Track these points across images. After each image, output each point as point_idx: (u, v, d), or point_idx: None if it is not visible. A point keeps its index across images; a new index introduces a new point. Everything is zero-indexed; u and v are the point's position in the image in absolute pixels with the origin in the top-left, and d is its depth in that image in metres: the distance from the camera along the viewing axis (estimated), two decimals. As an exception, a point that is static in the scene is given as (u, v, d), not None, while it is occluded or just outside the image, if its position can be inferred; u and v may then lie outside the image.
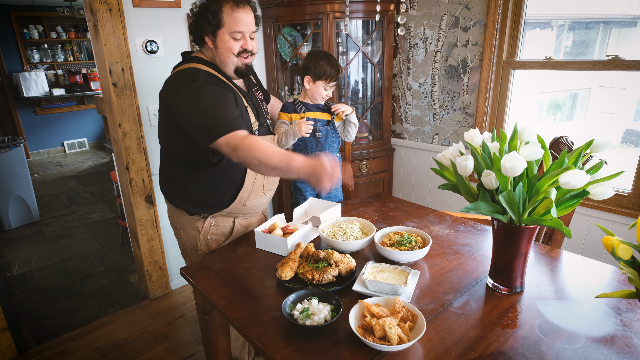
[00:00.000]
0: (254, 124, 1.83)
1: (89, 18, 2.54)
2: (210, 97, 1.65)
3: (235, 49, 1.74)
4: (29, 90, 7.13)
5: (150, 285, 3.11)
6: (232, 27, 1.69)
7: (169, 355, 2.56)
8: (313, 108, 2.30)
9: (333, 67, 2.22)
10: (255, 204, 1.97)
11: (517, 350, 1.12)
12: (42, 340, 2.74)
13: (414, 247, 1.59)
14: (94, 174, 6.59)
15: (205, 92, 1.65)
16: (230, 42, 1.72)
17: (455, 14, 2.92)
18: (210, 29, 1.71)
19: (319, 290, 1.38)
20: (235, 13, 1.68)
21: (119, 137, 2.68)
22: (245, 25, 1.71)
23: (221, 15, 1.67)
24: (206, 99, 1.64)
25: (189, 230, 1.94)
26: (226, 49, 1.73)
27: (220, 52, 1.75)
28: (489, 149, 1.29)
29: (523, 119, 2.89)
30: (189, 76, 1.69)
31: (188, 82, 1.67)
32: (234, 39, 1.72)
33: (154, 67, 2.77)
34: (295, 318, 1.25)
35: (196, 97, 1.64)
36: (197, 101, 1.64)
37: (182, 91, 1.68)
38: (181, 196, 1.90)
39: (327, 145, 2.30)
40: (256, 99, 1.96)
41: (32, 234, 4.43)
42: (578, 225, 2.59)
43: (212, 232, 1.93)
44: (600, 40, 2.61)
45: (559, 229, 1.12)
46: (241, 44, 1.74)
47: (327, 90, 2.26)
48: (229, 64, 1.77)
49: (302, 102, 2.31)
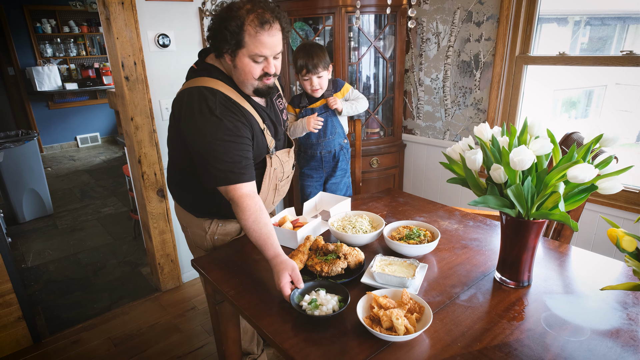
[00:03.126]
0: (270, 144, 1.75)
1: (102, 11, 2.57)
2: (224, 138, 1.53)
3: (256, 73, 1.57)
4: (42, 84, 7.19)
5: (162, 278, 3.15)
6: (254, 50, 1.51)
7: (180, 346, 2.60)
8: (314, 100, 2.30)
9: (308, 58, 2.15)
10: None
11: (523, 342, 1.13)
12: (56, 330, 2.80)
13: (422, 241, 1.60)
14: (106, 168, 6.67)
15: (219, 130, 1.53)
16: (251, 64, 1.54)
17: (469, 9, 2.91)
18: (230, 49, 1.53)
19: (327, 281, 1.40)
20: (259, 36, 1.49)
21: (131, 131, 2.72)
22: (269, 48, 1.53)
23: (242, 35, 1.49)
24: (219, 138, 1.53)
25: (196, 230, 1.90)
26: (246, 72, 1.56)
27: (239, 73, 1.58)
28: (498, 143, 1.30)
29: (535, 116, 2.88)
30: (205, 103, 1.55)
31: (204, 111, 1.54)
32: (254, 61, 1.54)
33: (166, 60, 2.79)
34: (304, 309, 1.27)
35: (210, 132, 1.53)
36: (210, 140, 1.53)
37: (196, 118, 1.55)
38: (187, 201, 1.87)
39: (330, 131, 2.29)
40: (275, 112, 1.83)
41: (46, 227, 4.50)
42: (588, 222, 2.58)
43: (218, 233, 1.88)
44: (618, 36, 2.58)
45: (566, 222, 1.12)
46: (263, 67, 1.57)
47: (308, 81, 2.22)
48: (248, 86, 1.62)
49: (308, 95, 2.32)
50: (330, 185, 2.44)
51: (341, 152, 2.36)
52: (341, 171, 2.40)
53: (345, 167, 2.41)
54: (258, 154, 1.70)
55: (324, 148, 2.31)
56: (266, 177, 1.78)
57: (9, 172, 4.27)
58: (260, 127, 1.69)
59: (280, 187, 1.91)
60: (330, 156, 2.33)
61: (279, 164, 1.83)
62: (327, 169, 2.38)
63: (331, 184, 2.41)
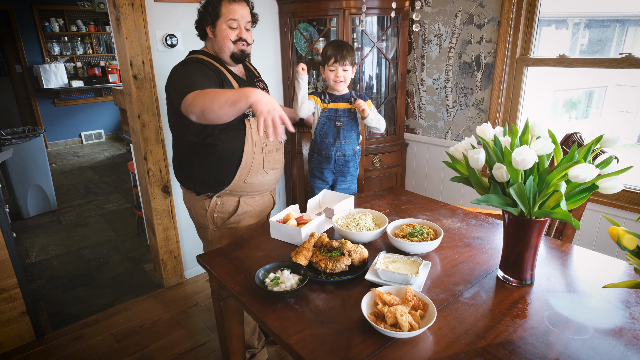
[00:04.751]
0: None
1: (112, 12, 2.60)
2: (191, 70, 1.88)
3: (232, 36, 1.98)
4: (49, 81, 7.27)
5: (165, 274, 3.17)
6: (228, 16, 1.95)
7: (182, 342, 2.62)
8: (338, 99, 2.32)
9: (336, 49, 2.21)
10: (257, 182, 2.09)
11: (526, 340, 1.15)
12: (59, 325, 2.82)
13: (425, 239, 1.62)
14: (110, 165, 6.70)
15: (189, 68, 1.89)
16: (227, 30, 1.96)
17: (470, 11, 2.93)
18: (210, 20, 1.97)
19: (291, 262, 1.50)
20: (232, 5, 1.95)
21: (138, 128, 2.74)
22: (240, 15, 1.97)
23: (219, 8, 1.94)
24: (187, 70, 1.88)
25: (198, 209, 2.12)
26: (223, 37, 1.97)
27: (218, 40, 1.99)
28: (500, 142, 1.31)
29: (536, 116, 2.89)
30: (183, 60, 2.00)
31: (179, 63, 1.96)
32: (230, 27, 1.96)
33: (174, 60, 2.81)
34: (266, 285, 1.39)
35: (180, 70, 1.91)
36: (179, 74, 1.89)
37: (173, 70, 1.95)
38: (188, 177, 2.08)
39: (347, 135, 2.31)
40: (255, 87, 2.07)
41: (49, 222, 4.53)
42: (590, 222, 2.59)
43: (217, 210, 2.09)
44: (617, 38, 2.60)
45: (568, 220, 1.14)
46: (237, 33, 1.98)
47: (334, 72, 2.24)
48: (226, 50, 2.00)
49: (329, 93, 2.33)
50: (338, 190, 2.46)
51: (353, 157, 2.38)
52: (351, 177, 2.42)
53: (355, 173, 2.43)
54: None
55: (339, 150, 2.33)
56: (248, 138, 2.00)
57: (15, 168, 4.30)
58: (234, 87, 1.99)
59: (268, 151, 2.09)
60: (343, 160, 2.35)
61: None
62: (338, 173, 2.40)
63: (339, 189, 2.43)
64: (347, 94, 2.33)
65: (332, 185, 2.46)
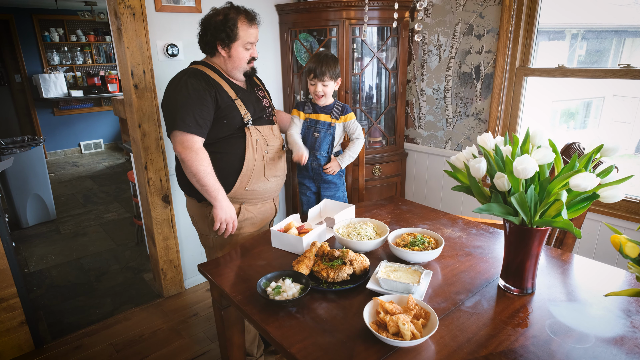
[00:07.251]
0: (244, 115, 2.05)
1: (113, 22, 2.62)
2: (182, 95, 1.93)
3: (247, 59, 2.07)
4: (48, 91, 7.29)
5: (165, 284, 3.16)
6: (246, 40, 2.02)
7: (182, 352, 2.61)
8: (320, 110, 2.35)
9: (316, 63, 2.25)
10: (259, 189, 2.13)
11: (528, 349, 1.15)
12: (58, 335, 2.80)
13: (426, 248, 1.62)
14: (109, 174, 6.70)
15: (181, 91, 1.94)
16: (244, 52, 2.05)
17: (469, 22, 2.96)
18: (228, 42, 2.00)
19: (293, 272, 1.50)
20: (250, 29, 2.02)
21: (139, 138, 2.75)
22: (254, 37, 2.06)
23: (237, 31, 1.99)
24: (180, 94, 1.93)
25: (200, 217, 2.16)
26: (240, 59, 2.05)
27: (234, 61, 2.05)
28: (501, 151, 1.32)
29: (535, 126, 2.91)
30: (182, 71, 2.03)
31: (177, 76, 2.01)
32: (246, 49, 2.04)
33: (174, 70, 2.80)
34: (268, 294, 1.40)
35: (174, 90, 1.96)
36: (173, 97, 1.95)
37: (169, 85, 2.00)
38: (190, 186, 2.07)
39: (322, 147, 2.36)
40: (256, 96, 2.20)
41: (48, 232, 4.52)
42: (590, 231, 2.60)
43: None
44: (614, 49, 2.62)
45: (570, 229, 1.15)
46: (250, 53, 2.07)
47: (314, 87, 2.28)
48: (240, 70, 2.09)
49: (313, 103, 2.37)
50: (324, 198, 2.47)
51: None
52: (334, 185, 2.44)
53: (339, 181, 2.45)
54: (233, 121, 2.03)
55: (315, 160, 2.36)
56: (249, 145, 2.07)
57: (14, 177, 4.29)
58: (231, 97, 2.05)
59: (269, 159, 2.15)
60: (320, 168, 2.38)
61: (260, 137, 2.11)
62: (318, 180, 2.43)
63: (325, 196, 2.44)
64: (330, 104, 2.37)
65: (317, 192, 2.49)
